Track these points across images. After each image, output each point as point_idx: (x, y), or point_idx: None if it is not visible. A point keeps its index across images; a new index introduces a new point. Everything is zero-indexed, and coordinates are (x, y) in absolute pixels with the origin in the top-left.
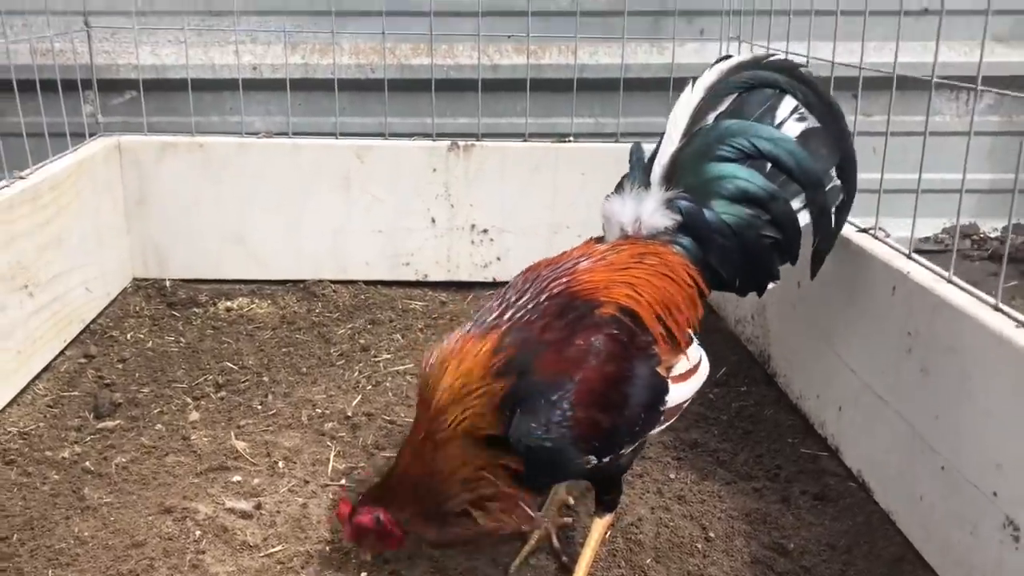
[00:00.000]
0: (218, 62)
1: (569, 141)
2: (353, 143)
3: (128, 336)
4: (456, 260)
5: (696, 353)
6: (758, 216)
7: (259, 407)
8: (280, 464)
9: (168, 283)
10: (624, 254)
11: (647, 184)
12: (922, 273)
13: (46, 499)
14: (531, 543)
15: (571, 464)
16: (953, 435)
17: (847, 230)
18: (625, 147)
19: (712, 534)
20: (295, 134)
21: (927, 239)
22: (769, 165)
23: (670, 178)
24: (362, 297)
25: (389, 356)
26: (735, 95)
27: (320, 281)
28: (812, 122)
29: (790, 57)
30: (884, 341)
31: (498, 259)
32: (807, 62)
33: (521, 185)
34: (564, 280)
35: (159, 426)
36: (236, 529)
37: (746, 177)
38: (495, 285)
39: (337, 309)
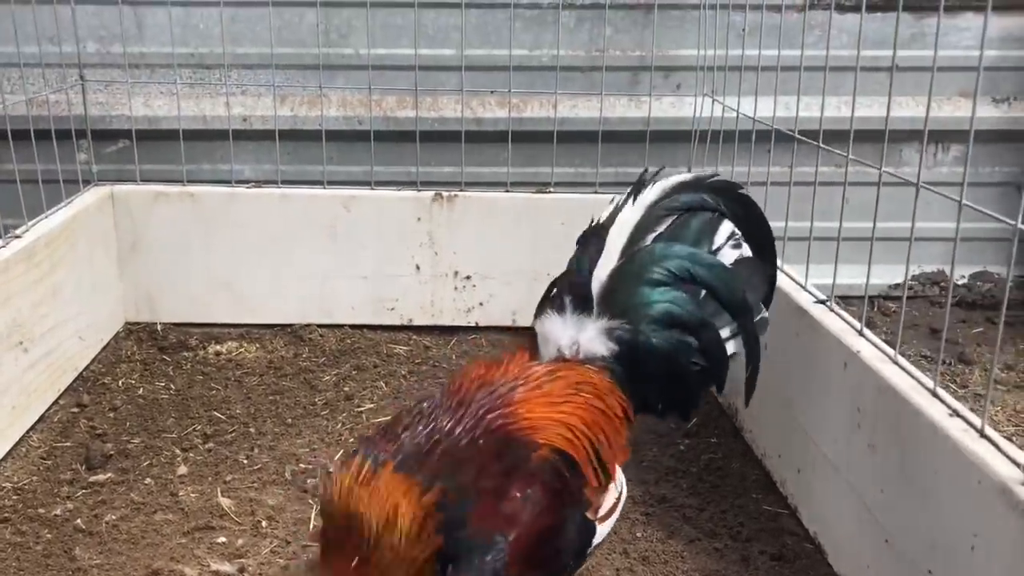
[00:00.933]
0: (209, 113)
1: (550, 191)
2: (339, 193)
3: (120, 383)
4: (440, 305)
5: (618, 486)
6: (688, 343)
7: (245, 461)
8: (263, 524)
9: (159, 327)
10: (560, 383)
11: (586, 307)
12: (871, 351)
13: (39, 560)
14: None
15: None
16: (895, 510)
17: (805, 299)
18: (604, 198)
19: None
20: (284, 182)
21: (896, 286)
22: (703, 292)
23: (607, 299)
24: (348, 341)
25: (372, 405)
26: (675, 216)
27: (307, 325)
28: (747, 250)
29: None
30: (837, 413)
31: (480, 304)
32: (771, 121)
33: (503, 233)
34: (502, 413)
35: (148, 480)
36: None
37: (679, 303)
38: (478, 329)
39: (323, 354)
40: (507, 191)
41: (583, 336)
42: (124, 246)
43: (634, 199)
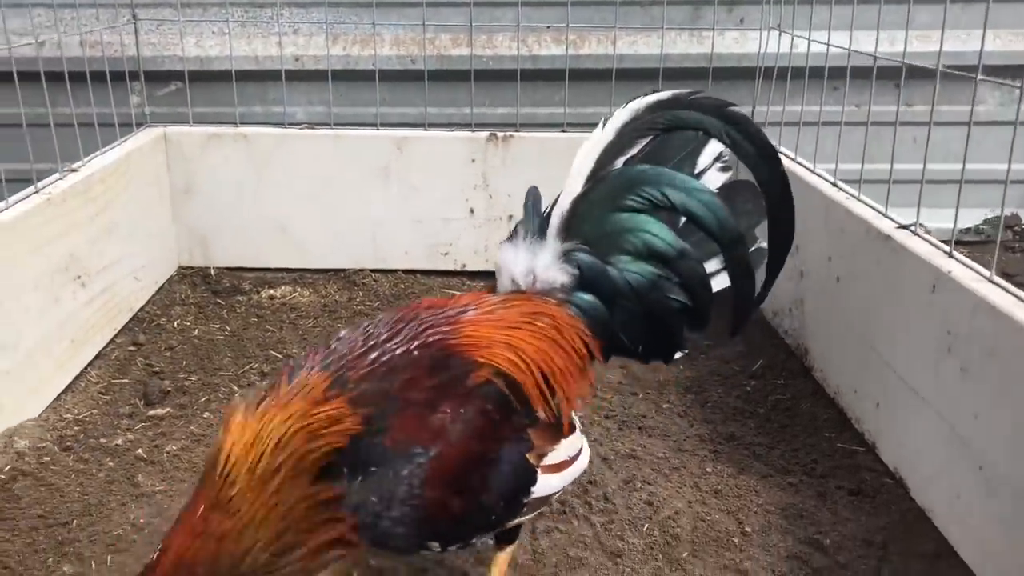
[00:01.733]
0: (261, 53)
1: None
2: (393, 134)
3: (175, 324)
4: (494, 250)
5: (577, 442)
6: (666, 277)
7: None
8: None
9: (213, 271)
10: (514, 311)
11: (543, 233)
12: (963, 272)
13: (102, 486)
14: None
15: (409, 548)
16: (992, 435)
17: (887, 225)
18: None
19: (748, 528)
20: (336, 124)
21: (968, 230)
22: (682, 219)
23: (569, 227)
24: (401, 286)
25: None
26: (650, 138)
27: (360, 270)
28: (739, 172)
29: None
30: (923, 340)
31: None
32: (848, 53)
33: (559, 176)
34: (443, 330)
35: (207, 414)
36: None
37: (654, 231)
38: None
39: (377, 298)
40: (563, 131)
41: (538, 263)
42: (177, 189)
43: (604, 124)
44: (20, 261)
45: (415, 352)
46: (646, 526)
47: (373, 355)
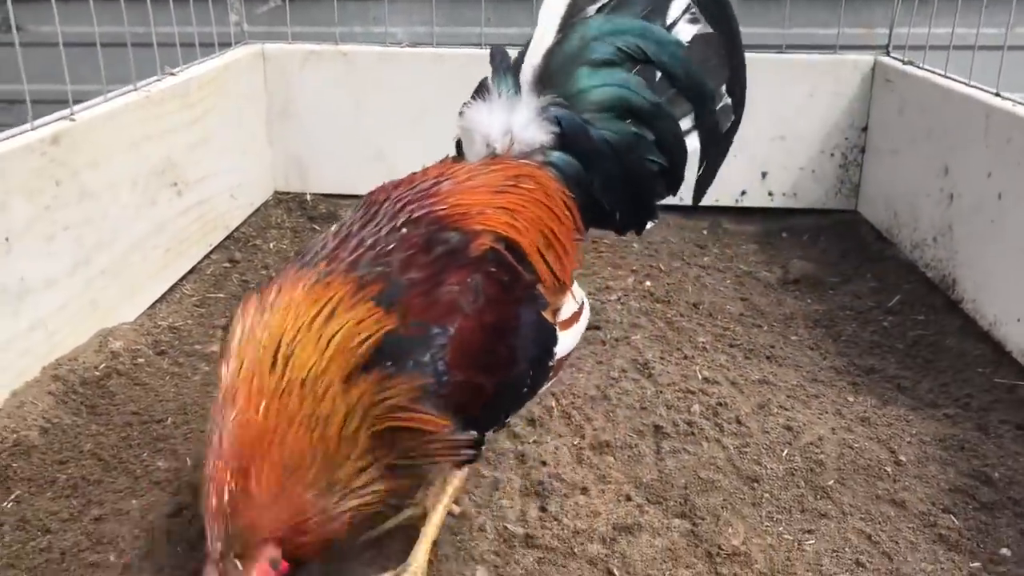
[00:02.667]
0: None
1: None
2: None
3: (271, 245)
4: None
5: (579, 294)
6: (642, 135)
7: None
8: None
9: (309, 197)
10: (496, 175)
11: (516, 88)
12: None
13: (197, 388)
14: (400, 517)
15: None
16: None
17: None
18: (791, 57)
19: (903, 458)
20: (438, 46)
21: None
22: (657, 75)
23: (542, 82)
24: None
25: None
26: None
27: None
28: (705, 26)
29: None
30: None
31: None
32: None
33: None
34: (427, 203)
35: None
36: None
37: (631, 86)
38: None
39: None
40: None
41: (516, 121)
42: (274, 111)
43: None
44: (117, 156)
45: (403, 230)
46: (785, 451)
47: (353, 243)
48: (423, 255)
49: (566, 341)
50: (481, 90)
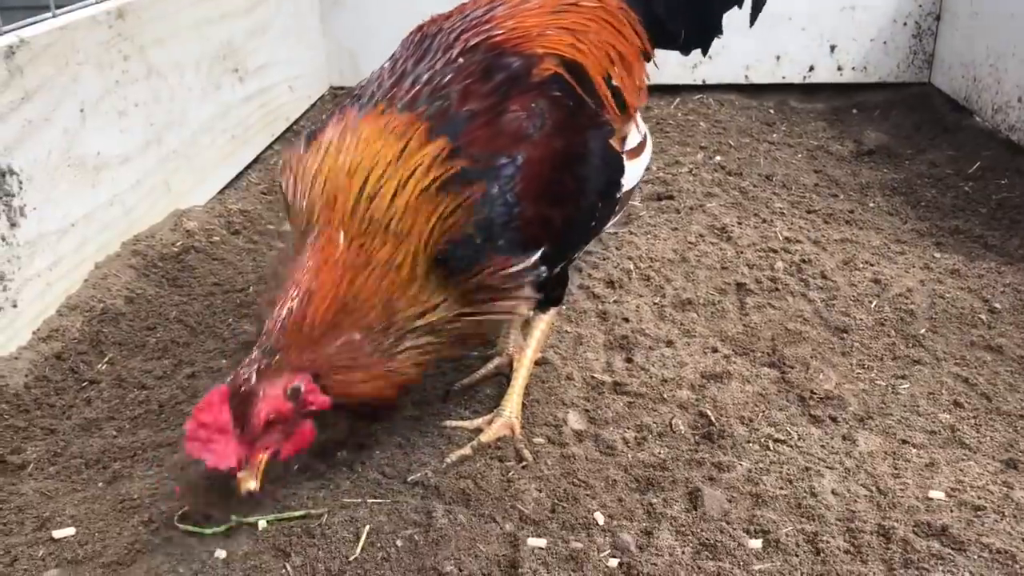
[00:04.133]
0: None
1: None
2: None
3: None
4: (661, 59)
5: (642, 125)
6: None
7: None
8: None
9: None
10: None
11: None
12: None
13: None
14: (489, 367)
15: (517, 273)
16: None
17: None
18: None
19: (997, 306)
20: None
21: None
22: None
23: None
24: None
25: None
26: None
27: None
28: None
29: None
30: None
31: (708, 58)
32: None
33: None
34: (483, 29)
35: None
36: None
37: None
38: (704, 88)
39: None
40: None
41: None
42: (327, 1)
43: None
44: (181, 35)
45: (459, 60)
46: (874, 303)
47: (409, 81)
48: (482, 84)
49: (634, 170)
50: None
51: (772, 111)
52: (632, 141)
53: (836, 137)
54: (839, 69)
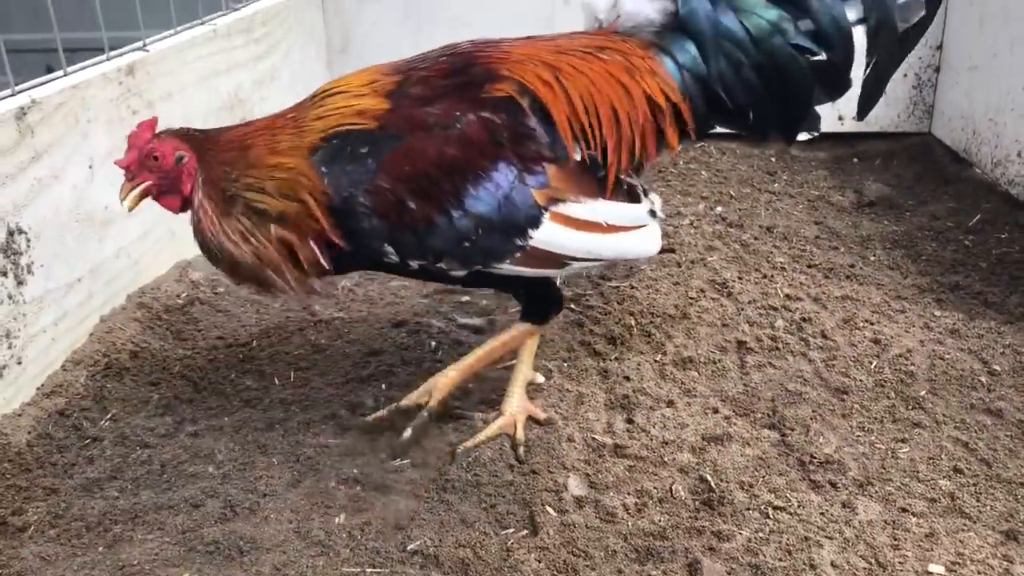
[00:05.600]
0: None
1: None
2: None
3: None
4: None
5: (634, 214)
6: (793, 20)
7: None
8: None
9: None
10: (579, 41)
11: None
12: None
13: (279, 313)
14: (493, 427)
15: (370, 247)
16: None
17: None
18: None
19: (997, 368)
20: None
21: None
22: None
23: None
24: None
25: None
26: None
27: None
28: None
29: None
30: None
31: None
32: None
33: None
34: (483, 43)
35: None
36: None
37: None
38: (706, 136)
39: None
40: None
41: None
42: (334, 47)
43: None
44: (189, 89)
45: (443, 58)
46: (874, 363)
47: (411, 59)
48: (440, 80)
49: (573, 240)
50: None
51: (773, 160)
52: (586, 213)
53: (837, 187)
54: (840, 119)
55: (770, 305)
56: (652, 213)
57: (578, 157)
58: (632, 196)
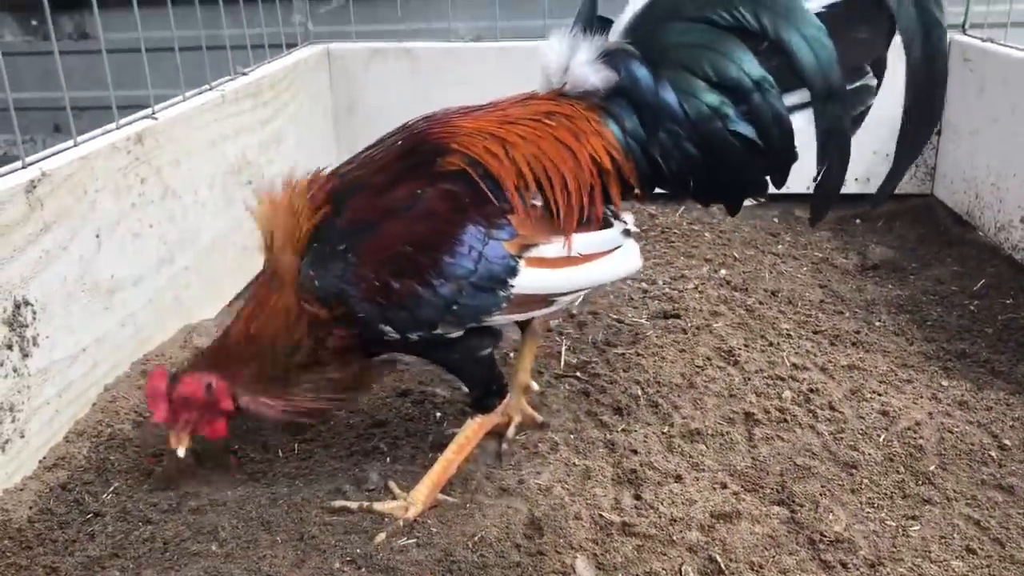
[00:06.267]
0: None
1: None
2: None
3: None
4: None
5: (611, 236)
6: (731, 104)
7: None
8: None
9: None
10: (529, 108)
11: (591, 25)
12: None
13: None
14: (388, 505)
15: (370, 331)
16: None
17: None
18: None
19: (1007, 442)
20: (501, 39)
21: None
22: (764, 44)
23: (635, 28)
24: None
25: None
26: None
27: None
28: None
29: None
30: None
31: None
32: None
33: None
34: (435, 120)
35: None
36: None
37: (734, 56)
38: None
39: None
40: None
41: (574, 60)
42: (340, 107)
43: None
44: (196, 155)
45: (398, 142)
46: (882, 436)
47: (367, 153)
48: (395, 163)
49: (547, 279)
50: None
51: (776, 220)
52: (553, 251)
53: (841, 249)
54: None
55: (777, 375)
56: (626, 232)
57: (539, 203)
58: (604, 222)
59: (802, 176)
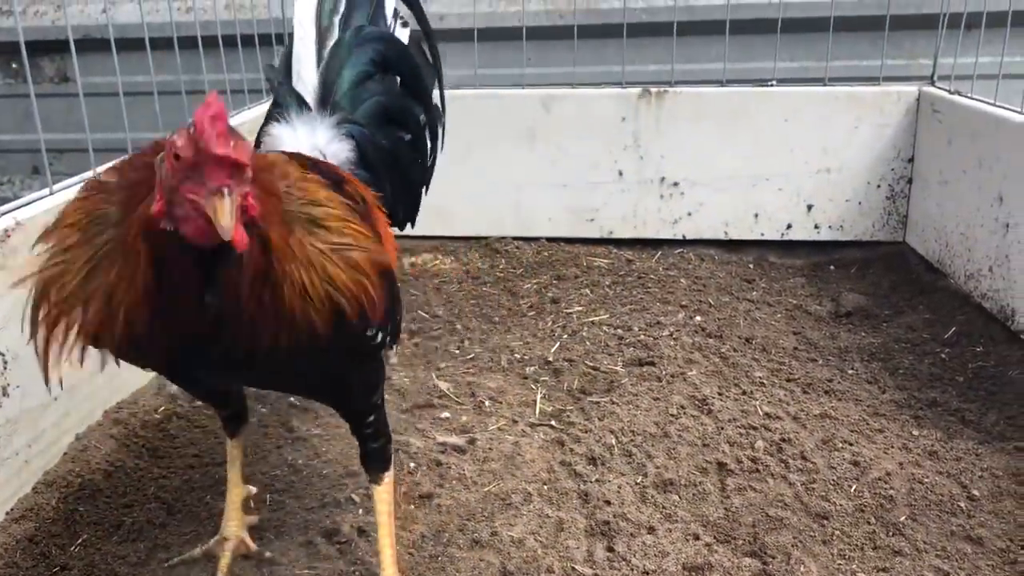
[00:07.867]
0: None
1: (771, 85)
2: (539, 92)
3: None
4: (643, 216)
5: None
6: (401, 136)
7: (456, 351)
8: (487, 403)
9: None
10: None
11: (303, 106)
12: None
13: (256, 429)
14: (225, 556)
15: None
16: None
17: None
18: (834, 90)
19: (976, 493)
20: (480, 87)
21: None
22: (397, 79)
23: (325, 100)
24: (545, 254)
25: (581, 308)
26: None
27: (503, 238)
28: (411, 28)
29: None
30: None
31: (689, 214)
32: None
33: (717, 134)
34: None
35: None
36: (450, 464)
37: (387, 95)
38: (685, 243)
39: (521, 265)
40: (722, 86)
41: (321, 139)
42: None
43: None
44: None
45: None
46: (853, 487)
47: None
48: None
49: None
50: (273, 113)
51: (751, 266)
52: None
53: (814, 295)
54: (816, 227)
55: (750, 424)
56: None
57: None
58: None
59: (776, 222)
